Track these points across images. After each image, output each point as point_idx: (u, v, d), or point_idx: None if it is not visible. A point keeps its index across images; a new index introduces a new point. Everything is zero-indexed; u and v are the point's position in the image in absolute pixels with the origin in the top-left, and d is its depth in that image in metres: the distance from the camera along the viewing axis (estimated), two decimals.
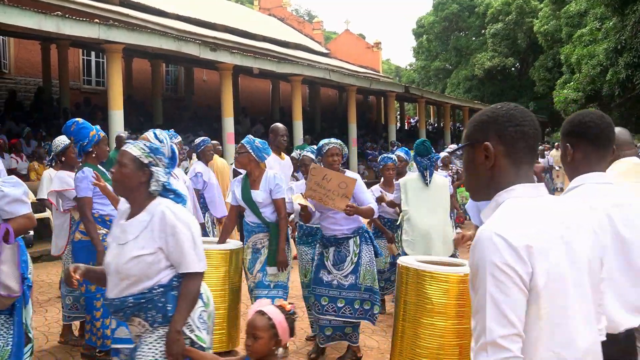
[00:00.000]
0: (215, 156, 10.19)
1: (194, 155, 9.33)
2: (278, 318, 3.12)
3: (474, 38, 48.83)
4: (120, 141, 10.53)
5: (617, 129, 3.73)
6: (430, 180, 6.51)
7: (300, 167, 6.51)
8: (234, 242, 6.19)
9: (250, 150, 5.70)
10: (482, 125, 2.13)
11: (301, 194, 5.88)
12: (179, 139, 6.33)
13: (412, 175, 6.77)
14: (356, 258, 5.67)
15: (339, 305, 5.59)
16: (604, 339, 2.20)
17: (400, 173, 7.75)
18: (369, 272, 5.70)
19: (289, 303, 3.32)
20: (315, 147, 6.45)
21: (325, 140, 5.94)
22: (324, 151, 5.82)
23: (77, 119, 5.82)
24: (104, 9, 19.89)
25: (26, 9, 11.97)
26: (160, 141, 4.57)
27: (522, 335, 1.88)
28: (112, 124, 13.50)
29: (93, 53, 23.31)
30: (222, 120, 17.12)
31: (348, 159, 15.09)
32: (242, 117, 23.32)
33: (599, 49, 23.22)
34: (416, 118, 39.20)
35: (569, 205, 2.12)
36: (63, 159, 6.34)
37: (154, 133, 4.77)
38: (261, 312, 3.14)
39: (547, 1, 36.20)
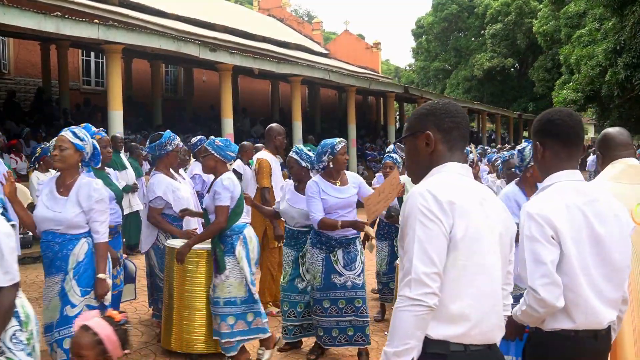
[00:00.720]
0: None
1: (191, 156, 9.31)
2: (105, 332, 2.77)
3: (473, 38, 48.83)
4: (116, 142, 10.54)
5: (616, 130, 3.76)
6: None
7: (290, 168, 6.19)
8: None
9: (213, 152, 5.51)
10: (422, 117, 2.48)
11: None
12: (178, 140, 6.29)
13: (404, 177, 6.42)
14: (363, 257, 5.72)
15: (357, 305, 5.57)
16: (509, 314, 2.52)
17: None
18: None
19: (120, 312, 2.97)
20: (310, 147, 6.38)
21: (336, 140, 5.80)
22: (338, 150, 5.68)
23: (80, 124, 5.86)
24: (104, 9, 19.92)
25: (26, 10, 11.98)
26: (81, 139, 4.46)
27: (441, 275, 2.19)
28: (112, 124, 13.50)
29: (93, 53, 23.31)
30: (221, 120, 17.12)
31: (348, 159, 15.09)
32: (242, 118, 23.33)
33: (598, 50, 23.23)
34: None
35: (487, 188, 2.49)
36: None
37: (72, 132, 4.50)
38: (85, 327, 2.78)
39: (546, 2, 36.17)
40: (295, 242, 5.97)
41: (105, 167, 5.83)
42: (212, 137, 5.76)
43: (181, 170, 7.03)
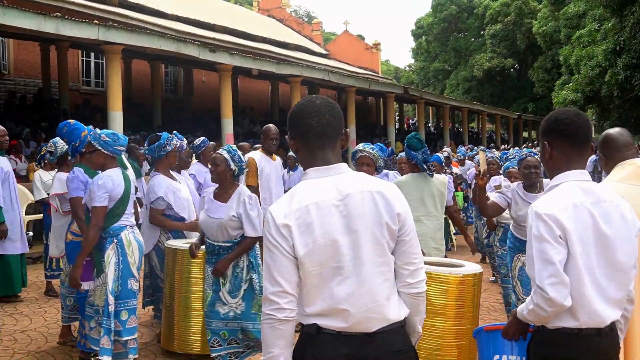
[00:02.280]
0: None
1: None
2: None
3: (472, 39, 48.89)
4: None
5: (617, 130, 3.76)
6: (431, 173, 6.04)
7: (215, 166, 5.84)
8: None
9: (100, 147, 5.16)
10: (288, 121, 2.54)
11: None
12: (176, 140, 6.24)
13: (407, 176, 6.27)
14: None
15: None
16: (417, 290, 2.51)
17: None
18: None
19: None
20: None
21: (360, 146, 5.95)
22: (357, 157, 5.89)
23: (69, 120, 5.83)
24: (103, 10, 19.93)
25: (26, 10, 11.98)
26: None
27: (287, 291, 2.33)
28: (112, 125, 13.50)
29: (92, 54, 23.31)
30: (221, 121, 17.12)
31: (347, 159, 15.08)
32: (241, 118, 23.34)
33: (597, 50, 23.25)
34: (415, 119, 39.24)
35: (354, 183, 2.45)
36: (65, 160, 6.36)
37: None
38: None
39: (546, 2, 36.23)
40: (217, 259, 5.01)
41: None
42: (97, 130, 5.36)
43: (183, 171, 7.01)
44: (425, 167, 6.06)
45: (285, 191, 6.32)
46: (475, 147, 21.24)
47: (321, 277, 2.35)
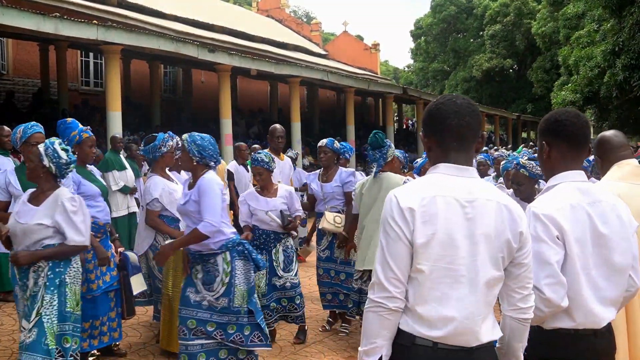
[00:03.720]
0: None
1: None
2: None
3: (472, 40, 48.94)
4: (115, 142, 10.52)
5: (611, 132, 3.79)
6: (376, 173, 5.92)
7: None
8: None
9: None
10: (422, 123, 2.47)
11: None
12: (173, 141, 6.22)
13: (370, 177, 6.19)
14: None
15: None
16: (526, 316, 2.43)
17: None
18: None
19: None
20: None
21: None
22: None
23: (67, 118, 5.82)
24: (102, 10, 19.92)
25: (25, 10, 11.97)
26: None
27: (401, 280, 2.27)
28: (111, 125, 13.49)
29: (91, 54, 23.30)
30: (220, 121, 17.12)
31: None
32: (239, 119, 23.33)
33: (596, 51, 23.25)
34: (414, 119, 39.24)
35: (483, 189, 2.38)
36: None
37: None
38: None
39: (545, 3, 36.25)
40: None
41: (88, 165, 5.78)
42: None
43: (183, 172, 7.00)
44: (371, 166, 6.14)
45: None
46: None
47: (431, 275, 2.27)
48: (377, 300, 2.28)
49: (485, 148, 24.98)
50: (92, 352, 5.60)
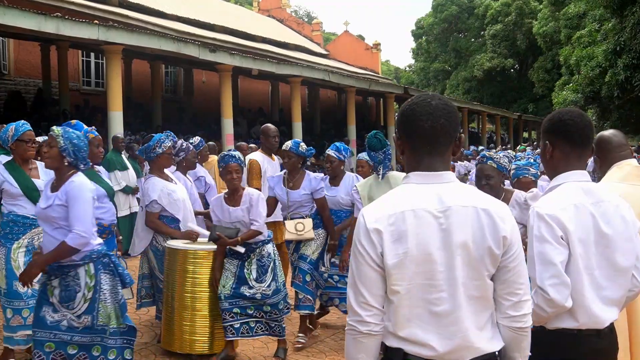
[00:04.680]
0: (215, 157, 10.23)
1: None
2: None
3: (473, 39, 48.93)
4: (117, 142, 10.53)
5: (610, 132, 3.78)
6: (383, 176, 5.71)
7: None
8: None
9: None
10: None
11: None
12: (170, 142, 6.22)
13: (370, 179, 5.98)
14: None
15: None
16: (521, 325, 2.28)
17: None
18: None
19: None
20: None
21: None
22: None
23: (71, 121, 5.82)
24: (104, 10, 19.94)
25: (26, 10, 11.99)
26: None
27: (371, 304, 2.16)
28: (112, 125, 13.50)
29: (92, 54, 23.31)
30: (221, 121, 17.13)
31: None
32: (241, 119, 23.35)
33: (598, 51, 23.24)
34: None
35: (459, 195, 2.21)
36: None
37: None
38: None
39: (546, 2, 36.23)
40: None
41: (95, 166, 5.78)
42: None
43: (189, 172, 7.00)
44: (379, 169, 5.78)
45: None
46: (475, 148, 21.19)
47: (409, 294, 2.14)
48: (350, 323, 2.21)
49: (481, 148, 24.97)
50: None
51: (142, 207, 6.13)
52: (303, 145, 6.35)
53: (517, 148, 26.02)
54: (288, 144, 6.35)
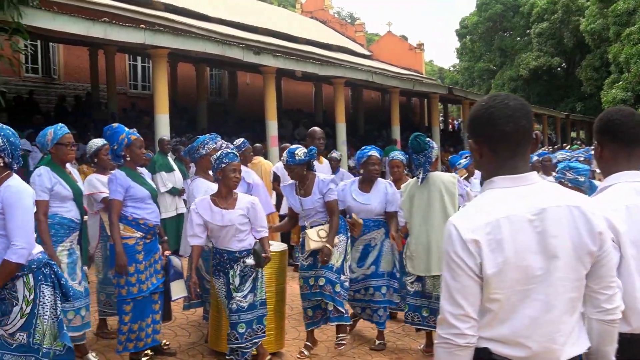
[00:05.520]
0: (261, 158, 10.29)
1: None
2: None
3: (518, 38, 48.22)
4: (163, 144, 10.66)
5: None
6: (423, 179, 5.68)
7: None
8: (277, 244, 6.23)
9: None
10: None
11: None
12: (214, 143, 6.28)
13: (413, 180, 5.96)
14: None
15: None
16: (612, 317, 2.28)
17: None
18: None
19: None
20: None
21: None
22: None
23: (113, 124, 5.90)
24: (150, 14, 20.23)
25: (75, 16, 12.24)
26: None
27: (470, 316, 2.12)
28: (158, 127, 13.69)
29: (139, 58, 23.70)
30: (265, 123, 17.21)
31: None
32: (285, 120, 23.45)
33: None
34: (460, 119, 38.88)
35: (549, 195, 2.19)
36: (96, 160, 6.46)
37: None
38: None
39: None
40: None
41: (138, 168, 5.84)
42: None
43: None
44: (417, 172, 5.73)
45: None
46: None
47: (508, 301, 2.12)
48: (445, 336, 2.16)
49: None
50: (146, 352, 5.69)
51: (189, 208, 6.19)
52: (299, 152, 5.88)
53: (567, 147, 25.50)
54: (284, 157, 5.95)
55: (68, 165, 5.65)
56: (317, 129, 7.90)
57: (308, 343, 6.05)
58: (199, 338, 6.44)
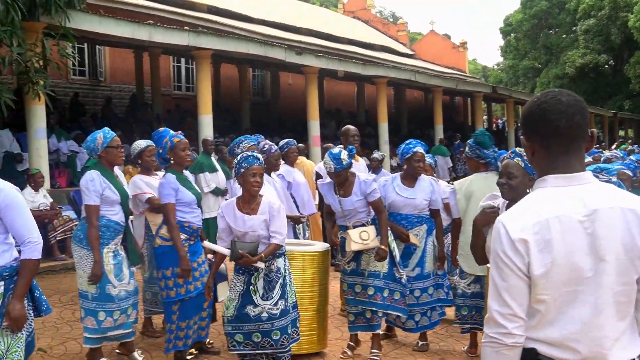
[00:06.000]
0: (304, 158, 10.30)
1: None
2: None
3: (564, 35, 47.38)
4: (206, 145, 10.75)
5: None
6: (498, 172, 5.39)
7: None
8: (320, 244, 6.21)
9: None
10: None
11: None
12: (246, 142, 6.33)
13: (471, 178, 5.88)
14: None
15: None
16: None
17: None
18: None
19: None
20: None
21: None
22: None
23: (160, 128, 5.98)
24: (193, 16, 20.43)
25: (120, 19, 12.45)
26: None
27: (518, 315, 2.10)
28: (202, 128, 13.83)
29: (183, 60, 23.96)
30: (307, 123, 17.25)
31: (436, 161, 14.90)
32: (328, 120, 23.47)
33: None
34: (504, 118, 38.38)
35: (602, 196, 2.13)
36: (139, 162, 6.55)
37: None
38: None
39: None
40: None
41: (184, 171, 5.91)
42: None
43: (273, 174, 7.05)
44: (496, 167, 5.54)
45: None
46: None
47: (555, 302, 2.10)
48: (493, 336, 2.14)
49: None
50: (191, 350, 5.76)
51: None
52: (344, 155, 5.67)
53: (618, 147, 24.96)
54: (330, 165, 5.65)
55: (115, 167, 5.74)
56: (350, 126, 7.87)
57: (351, 343, 6.01)
58: None
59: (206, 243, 5.33)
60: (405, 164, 6.24)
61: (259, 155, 5.04)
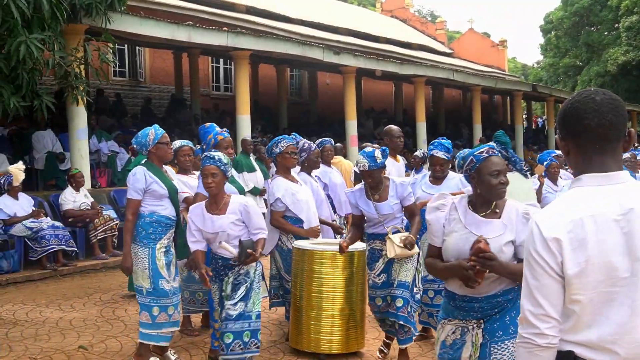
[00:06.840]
0: (342, 158, 10.29)
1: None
2: None
3: (606, 32, 46.52)
4: (245, 145, 10.81)
5: None
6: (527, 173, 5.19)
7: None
8: (358, 243, 6.21)
9: None
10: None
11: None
12: (286, 142, 6.34)
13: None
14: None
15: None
16: None
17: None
18: None
19: None
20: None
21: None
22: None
23: (206, 123, 6.01)
24: (232, 17, 20.59)
25: (160, 20, 12.60)
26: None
27: (551, 315, 2.08)
28: (240, 128, 13.93)
29: (222, 60, 24.14)
30: (345, 123, 17.24)
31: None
32: (365, 120, 23.42)
33: None
34: (544, 117, 37.86)
35: (638, 195, 2.10)
36: (176, 162, 6.62)
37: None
38: None
39: None
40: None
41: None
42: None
43: (313, 173, 7.06)
44: (521, 167, 5.13)
45: None
46: None
47: (590, 303, 2.06)
48: (526, 336, 2.13)
49: None
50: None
51: (268, 207, 6.29)
52: (378, 154, 5.39)
53: None
54: (364, 162, 5.34)
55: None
56: (394, 126, 7.76)
57: (387, 340, 5.97)
58: (280, 336, 6.50)
59: (224, 244, 5.36)
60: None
61: (216, 155, 4.96)
